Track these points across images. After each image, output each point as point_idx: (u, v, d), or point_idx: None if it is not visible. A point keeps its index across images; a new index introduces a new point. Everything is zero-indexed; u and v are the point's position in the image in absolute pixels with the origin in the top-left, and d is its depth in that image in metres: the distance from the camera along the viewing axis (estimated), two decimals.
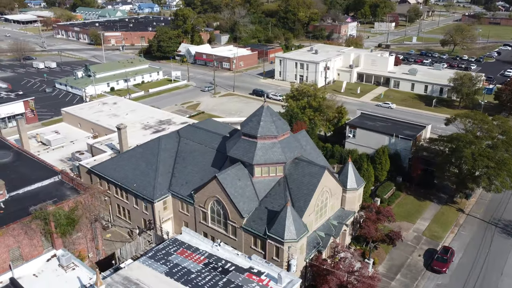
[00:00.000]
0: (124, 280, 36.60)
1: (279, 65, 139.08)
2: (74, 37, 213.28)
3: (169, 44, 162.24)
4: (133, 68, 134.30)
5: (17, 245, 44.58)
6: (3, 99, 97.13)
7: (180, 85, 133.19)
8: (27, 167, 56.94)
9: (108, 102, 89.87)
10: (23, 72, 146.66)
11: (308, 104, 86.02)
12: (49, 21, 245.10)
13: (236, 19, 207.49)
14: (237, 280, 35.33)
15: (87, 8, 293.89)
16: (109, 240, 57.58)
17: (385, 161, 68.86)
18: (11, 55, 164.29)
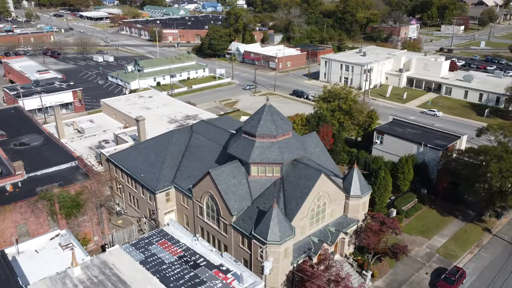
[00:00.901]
0: (101, 264, 38.03)
1: (324, 66, 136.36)
2: (136, 33, 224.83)
3: (219, 42, 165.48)
4: (180, 64, 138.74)
5: (24, 222, 48.05)
6: (55, 88, 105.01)
7: (223, 83, 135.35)
8: (50, 151, 61.16)
9: (144, 95, 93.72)
10: (83, 65, 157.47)
11: (338, 107, 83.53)
12: (116, 18, 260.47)
13: (291, 19, 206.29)
14: (203, 276, 35.34)
15: (154, 6, 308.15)
16: (119, 226, 60.14)
17: (407, 171, 64.94)
18: (76, 49, 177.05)
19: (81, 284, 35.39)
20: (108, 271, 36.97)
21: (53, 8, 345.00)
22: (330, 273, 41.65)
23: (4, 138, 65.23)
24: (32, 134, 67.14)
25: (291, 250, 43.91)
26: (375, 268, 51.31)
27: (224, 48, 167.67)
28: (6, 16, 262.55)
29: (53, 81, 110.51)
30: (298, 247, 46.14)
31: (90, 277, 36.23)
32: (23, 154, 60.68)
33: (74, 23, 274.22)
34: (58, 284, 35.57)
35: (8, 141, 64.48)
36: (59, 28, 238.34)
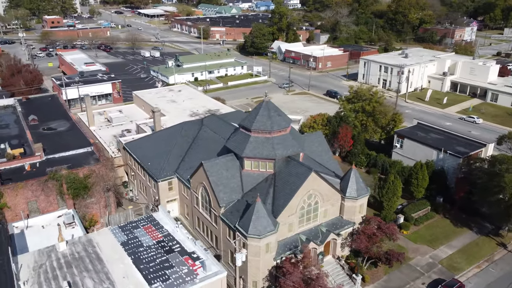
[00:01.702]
0: (87, 242, 40.52)
1: (363, 67, 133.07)
2: (186, 30, 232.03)
3: (261, 41, 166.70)
4: (219, 61, 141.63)
5: (35, 199, 52.00)
6: (97, 79, 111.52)
7: (260, 80, 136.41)
8: (71, 136, 65.45)
9: (174, 89, 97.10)
10: (131, 59, 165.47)
11: (361, 108, 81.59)
12: (170, 16, 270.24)
13: (338, 18, 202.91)
14: (173, 261, 36.56)
15: (208, 4, 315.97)
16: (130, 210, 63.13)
17: (422, 177, 62.20)
18: (127, 44, 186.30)
19: (64, 258, 38.00)
20: (90, 248, 39.33)
21: (115, 6, 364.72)
22: (307, 272, 41.18)
23: (35, 123, 70.70)
24: (60, 120, 72.17)
25: (273, 245, 43.94)
26: (369, 273, 49.91)
27: (266, 46, 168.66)
28: (71, 13, 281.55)
29: (96, 73, 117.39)
30: (285, 244, 46.05)
31: (73, 253, 38.77)
32: (48, 137, 65.55)
33: (132, 19, 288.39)
34: (44, 256, 38.43)
35: (39, 126, 69.85)
36: (117, 24, 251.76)
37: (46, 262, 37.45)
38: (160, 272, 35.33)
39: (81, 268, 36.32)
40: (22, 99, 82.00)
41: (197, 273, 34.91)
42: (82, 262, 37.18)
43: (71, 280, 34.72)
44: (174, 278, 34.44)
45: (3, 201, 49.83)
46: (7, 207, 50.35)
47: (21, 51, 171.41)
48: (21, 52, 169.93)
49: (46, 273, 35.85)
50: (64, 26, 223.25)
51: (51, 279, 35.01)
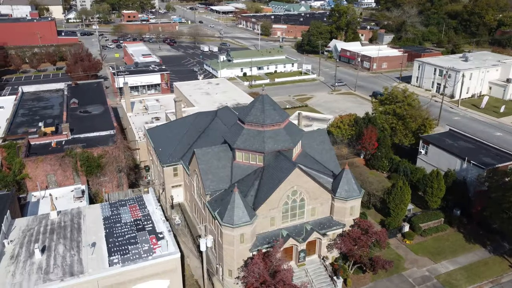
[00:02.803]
0: (76, 214, 44.31)
1: (417, 69, 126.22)
2: (250, 27, 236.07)
3: (318, 39, 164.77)
4: (270, 57, 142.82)
5: (53, 172, 57.59)
6: (148, 70, 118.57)
7: (308, 79, 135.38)
8: (101, 120, 71.00)
9: (213, 82, 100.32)
10: (190, 53, 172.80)
11: (392, 111, 78.19)
12: (239, 13, 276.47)
13: (405, 18, 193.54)
14: (140, 238, 38.80)
15: (278, 2, 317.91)
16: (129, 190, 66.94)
17: (437, 186, 58.40)
18: (190, 38, 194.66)
19: (51, 225, 42.05)
20: (76, 220, 43.02)
21: (191, 2, 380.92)
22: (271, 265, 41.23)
23: (75, 106, 77.66)
24: (97, 105, 78.46)
25: (249, 236, 44.44)
26: (355, 278, 48.42)
27: (322, 45, 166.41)
28: (149, 8, 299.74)
29: (150, 64, 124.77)
30: (264, 237, 46.35)
31: (61, 221, 42.71)
32: (81, 119, 71.82)
33: (203, 16, 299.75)
34: (36, 222, 42.82)
35: (77, 108, 76.64)
36: (187, 19, 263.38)
37: (35, 227, 41.75)
38: (123, 246, 37.80)
39: (61, 235, 40.01)
40: (72, 84, 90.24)
41: (155, 252, 36.82)
42: (64, 230, 40.90)
43: (47, 244, 38.48)
44: (132, 253, 36.69)
45: (25, 171, 55.96)
46: (29, 178, 56.43)
47: (95, 42, 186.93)
48: (96, 43, 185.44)
49: (31, 236, 40.05)
50: (138, 20, 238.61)
51: (32, 241, 39.07)
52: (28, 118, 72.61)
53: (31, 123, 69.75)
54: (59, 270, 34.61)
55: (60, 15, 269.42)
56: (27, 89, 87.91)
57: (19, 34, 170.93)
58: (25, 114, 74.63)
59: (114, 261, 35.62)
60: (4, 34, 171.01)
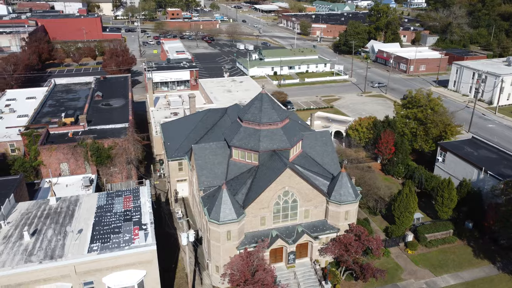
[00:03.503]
0: (73, 201, 46.19)
1: (455, 73, 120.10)
2: (290, 26, 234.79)
3: (355, 39, 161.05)
4: (302, 57, 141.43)
5: (66, 161, 60.46)
6: (178, 66, 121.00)
7: (339, 79, 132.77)
8: (119, 112, 73.52)
9: (237, 80, 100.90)
10: (226, 51, 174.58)
11: (414, 115, 75.12)
12: (281, 11, 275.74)
13: (451, 20, 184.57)
14: (124, 228, 39.85)
15: (322, 1, 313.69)
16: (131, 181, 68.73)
17: (448, 196, 55.47)
18: (227, 36, 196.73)
19: (49, 210, 44.21)
20: (72, 206, 44.96)
21: (236, 1, 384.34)
22: (252, 265, 40.95)
23: (99, 98, 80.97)
24: (119, 98, 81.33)
25: (235, 234, 44.42)
26: (346, 284, 47.08)
27: (360, 45, 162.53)
28: (194, 6, 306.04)
29: (181, 61, 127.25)
30: (254, 236, 46.17)
31: (58, 207, 44.80)
32: (102, 111, 74.78)
33: (246, 14, 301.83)
34: (35, 206, 45.17)
35: (100, 101, 79.86)
36: (229, 18, 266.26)
37: (34, 211, 44.07)
38: (106, 235, 39.04)
39: (54, 220, 41.98)
40: (100, 78, 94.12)
41: (134, 242, 37.73)
42: (58, 216, 42.87)
43: (39, 228, 40.51)
44: (112, 242, 37.81)
45: (40, 159, 59.18)
46: (43, 165, 59.61)
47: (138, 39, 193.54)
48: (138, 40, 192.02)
49: (27, 219, 42.33)
50: (181, 18, 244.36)
51: (27, 224, 41.30)
52: (54, 109, 76.62)
53: (55, 114, 73.56)
54: (42, 253, 36.39)
55: (110, 12, 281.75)
56: (59, 81, 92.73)
57: (67, 29, 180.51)
58: (52, 105, 78.79)
59: (93, 248, 36.92)
60: (54, 29, 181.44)
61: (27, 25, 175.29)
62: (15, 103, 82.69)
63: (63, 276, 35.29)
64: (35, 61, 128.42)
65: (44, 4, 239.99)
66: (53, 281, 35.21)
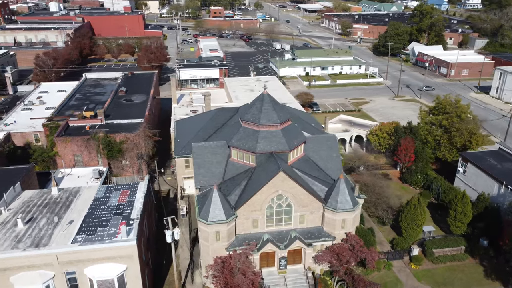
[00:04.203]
0: (74, 192, 47.59)
1: (498, 79, 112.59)
2: (332, 26, 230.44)
3: (395, 40, 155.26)
4: (336, 58, 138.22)
5: (80, 153, 62.69)
6: (209, 64, 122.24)
7: (372, 82, 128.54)
8: (137, 108, 75.24)
9: (261, 80, 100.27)
10: (262, 50, 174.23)
11: (438, 122, 71.16)
12: (324, 11, 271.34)
13: (503, 22, 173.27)
14: (112, 222, 40.44)
15: (369, 1, 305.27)
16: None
17: (461, 210, 51.96)
18: (265, 35, 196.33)
19: (49, 199, 45.88)
20: (71, 197, 46.41)
21: (282, 0, 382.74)
22: (236, 268, 40.26)
23: (122, 94, 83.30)
24: (141, 94, 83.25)
25: (225, 235, 43.94)
26: None
27: (399, 47, 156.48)
28: (238, 5, 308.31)
29: (213, 59, 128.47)
30: (245, 238, 45.52)
31: (58, 197, 46.40)
32: (122, 106, 76.91)
33: (290, 14, 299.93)
34: (38, 195, 47.01)
35: (123, 96, 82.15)
36: (271, 17, 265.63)
37: (35, 200, 45.91)
38: (93, 227, 39.87)
39: (50, 209, 43.51)
40: (128, 74, 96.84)
41: (117, 236, 38.26)
42: (55, 206, 44.39)
43: (35, 216, 42.11)
44: (96, 234, 38.55)
45: (55, 149, 61.72)
46: (58, 156, 62.14)
47: (178, 37, 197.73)
48: (178, 37, 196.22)
49: (27, 207, 44.18)
50: (222, 17, 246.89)
51: (25, 211, 43.07)
52: (79, 102, 79.75)
53: (79, 107, 76.51)
54: (30, 240, 37.78)
55: (156, 10, 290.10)
56: (90, 76, 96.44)
57: (111, 26, 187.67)
58: (79, 99, 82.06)
59: (77, 239, 37.84)
60: (100, 26, 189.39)
61: (74, 22, 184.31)
62: (46, 96, 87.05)
63: (46, 264, 36.43)
64: (76, 56, 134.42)
65: (94, 2, 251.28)
66: (37, 269, 36.44)
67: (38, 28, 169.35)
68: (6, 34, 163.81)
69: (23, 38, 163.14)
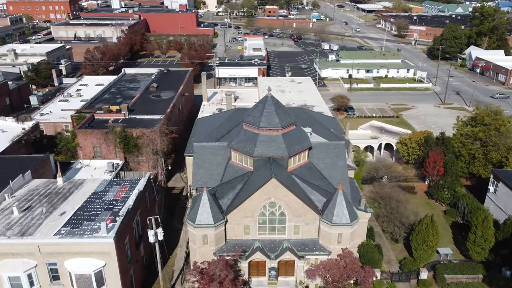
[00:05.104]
0: (77, 184, 48.87)
1: None
2: (388, 27, 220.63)
3: (451, 44, 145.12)
4: (382, 60, 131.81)
5: (99, 146, 64.58)
6: (248, 63, 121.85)
7: (419, 87, 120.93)
8: (162, 104, 76.18)
9: (295, 81, 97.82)
10: (309, 50, 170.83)
11: (474, 135, 65.06)
12: (382, 12, 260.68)
13: None
14: (100, 217, 40.92)
15: (432, 2, 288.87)
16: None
17: (481, 234, 46.84)
18: (315, 35, 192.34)
19: (52, 190, 47.52)
20: (73, 189, 47.74)
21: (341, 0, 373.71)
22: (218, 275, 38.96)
23: (153, 89, 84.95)
24: (171, 91, 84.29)
25: (212, 239, 42.83)
26: None
27: (455, 51, 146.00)
28: (294, 4, 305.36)
29: (253, 58, 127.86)
30: (236, 244, 44.14)
31: (60, 187, 47.93)
32: (149, 102, 78.38)
33: (347, 14, 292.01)
34: (44, 185, 48.83)
35: (153, 92, 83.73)
36: (326, 16, 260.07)
37: (40, 189, 47.76)
38: (81, 221, 40.45)
39: (49, 199, 44.94)
40: (164, 70, 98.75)
41: (98, 232, 38.55)
42: (55, 196, 45.82)
43: (33, 205, 43.70)
44: (80, 228, 39.04)
45: (76, 141, 64.11)
46: (79, 147, 64.48)
47: (228, 35, 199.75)
48: (229, 35, 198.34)
49: (30, 195, 46.02)
50: (275, 16, 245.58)
51: (27, 200, 44.87)
52: (111, 96, 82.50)
53: (110, 101, 79.12)
54: (18, 228, 39.17)
55: (214, 9, 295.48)
56: (129, 71, 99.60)
57: (165, 23, 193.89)
58: (112, 93, 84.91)
59: (61, 231, 38.65)
60: (155, 23, 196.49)
61: (131, 19, 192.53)
62: (85, 88, 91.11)
63: (29, 253, 37.53)
64: (125, 51, 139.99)
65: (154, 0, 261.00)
66: (20, 257, 37.68)
67: (97, 24, 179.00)
68: (68, 29, 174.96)
69: (83, 33, 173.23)
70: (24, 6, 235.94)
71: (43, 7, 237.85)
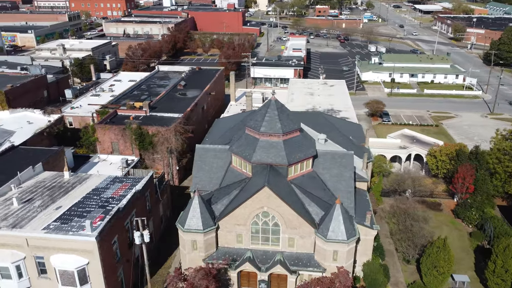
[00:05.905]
0: (82, 178, 49.62)
1: None
2: (444, 29, 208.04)
3: (509, 49, 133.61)
4: (429, 65, 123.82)
5: (116, 141, 65.57)
6: (284, 64, 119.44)
7: (467, 95, 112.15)
8: (185, 103, 76.09)
9: (328, 83, 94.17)
10: (354, 51, 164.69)
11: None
12: (440, 13, 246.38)
13: None
14: (92, 214, 40.82)
15: (498, 3, 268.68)
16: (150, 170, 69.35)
17: (501, 264, 41.80)
18: (363, 37, 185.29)
19: (57, 183, 48.51)
20: (76, 183, 48.45)
21: (399, 0, 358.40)
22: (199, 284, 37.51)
23: (180, 87, 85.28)
24: (197, 89, 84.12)
25: (202, 245, 41.52)
26: None
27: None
28: (348, 4, 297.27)
29: (291, 59, 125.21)
30: (227, 252, 42.61)
31: (65, 181, 48.84)
32: (174, 99, 78.73)
33: (402, 15, 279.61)
34: (51, 178, 50.01)
35: (180, 90, 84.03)
36: (379, 17, 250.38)
37: (47, 182, 48.92)
38: (72, 216, 40.61)
39: (51, 192, 45.79)
40: (196, 69, 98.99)
41: (83, 230, 38.49)
42: (58, 189, 46.65)
43: (34, 197, 44.74)
44: (68, 224, 39.11)
45: (96, 135, 65.49)
46: (98, 142, 65.85)
47: (274, 34, 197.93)
48: (275, 35, 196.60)
49: (36, 187, 47.24)
50: (325, 16, 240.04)
51: (31, 191, 46.05)
52: (139, 93, 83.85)
53: (136, 97, 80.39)
54: (12, 220, 40.11)
55: (264, 8, 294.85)
56: (162, 69, 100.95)
57: (212, 22, 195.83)
58: (141, 89, 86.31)
59: (50, 226, 39.05)
60: (202, 21, 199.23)
61: (179, 17, 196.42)
62: (118, 84, 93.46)
63: (18, 246, 38.25)
64: (167, 49, 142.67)
65: None
66: (10, 248, 38.49)
67: (145, 22, 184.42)
68: (118, 26, 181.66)
69: (131, 30, 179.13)
70: (84, 3, 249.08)
71: (102, 4, 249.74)
